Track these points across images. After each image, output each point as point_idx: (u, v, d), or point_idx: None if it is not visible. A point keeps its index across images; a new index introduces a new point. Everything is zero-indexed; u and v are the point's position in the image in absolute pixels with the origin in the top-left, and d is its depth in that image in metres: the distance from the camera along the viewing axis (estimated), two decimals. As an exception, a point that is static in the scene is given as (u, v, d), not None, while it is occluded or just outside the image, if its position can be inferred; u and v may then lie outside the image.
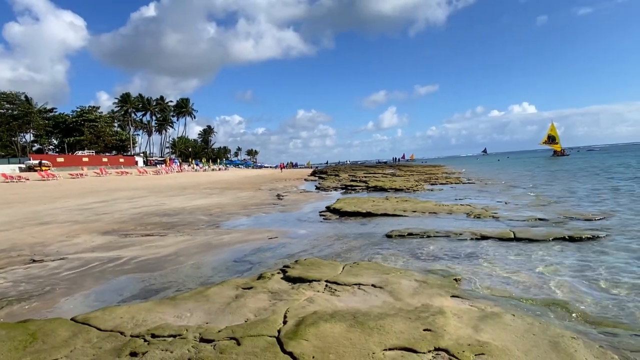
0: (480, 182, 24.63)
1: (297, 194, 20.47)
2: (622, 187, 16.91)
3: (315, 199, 17.59)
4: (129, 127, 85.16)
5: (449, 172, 40.51)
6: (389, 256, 6.55)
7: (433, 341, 3.03)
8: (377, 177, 31.07)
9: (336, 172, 46.54)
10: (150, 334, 3.34)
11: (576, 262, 5.76)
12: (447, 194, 17.47)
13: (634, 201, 12.15)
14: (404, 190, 19.62)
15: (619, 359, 2.90)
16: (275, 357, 2.82)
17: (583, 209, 10.84)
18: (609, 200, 12.70)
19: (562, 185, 19.53)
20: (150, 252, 7.17)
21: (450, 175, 33.40)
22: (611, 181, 20.14)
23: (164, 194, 20.62)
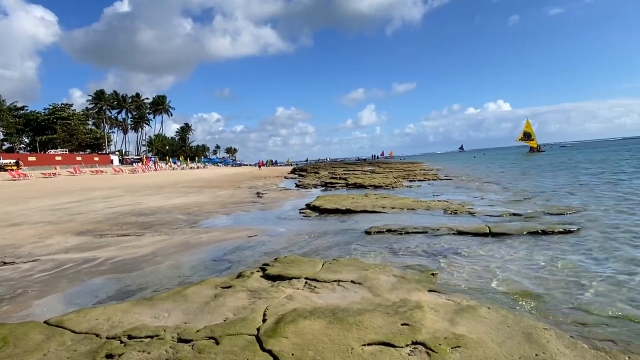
0: (457, 178, 25.06)
1: (277, 191, 20.40)
2: (593, 182, 17.48)
3: (295, 196, 17.57)
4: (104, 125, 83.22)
5: (427, 169, 41.09)
6: (368, 252, 6.61)
7: (411, 335, 3.08)
8: (357, 175, 31.25)
9: (316, 170, 46.61)
10: (126, 335, 3.28)
11: (549, 256, 5.93)
12: (425, 191, 17.71)
13: (604, 195, 12.59)
14: (383, 187, 19.79)
15: (589, 347, 3.00)
16: (254, 356, 2.81)
17: (556, 204, 11.16)
18: (581, 195, 13.12)
19: (536, 181, 20.07)
20: (127, 253, 7.04)
21: (428, 172, 33.86)
22: (582, 177, 20.80)
23: (140, 193, 20.23)
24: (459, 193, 15.91)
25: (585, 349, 2.97)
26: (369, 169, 45.46)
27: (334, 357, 2.78)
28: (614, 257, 5.72)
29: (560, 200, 12.18)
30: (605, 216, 8.90)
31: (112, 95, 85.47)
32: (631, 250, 6.06)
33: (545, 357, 2.82)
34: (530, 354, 2.86)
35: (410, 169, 39.28)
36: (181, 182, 29.28)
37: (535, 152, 73.32)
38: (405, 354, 2.84)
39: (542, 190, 15.53)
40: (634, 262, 5.41)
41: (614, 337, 3.26)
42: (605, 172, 22.84)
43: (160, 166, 64.74)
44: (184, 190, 21.46)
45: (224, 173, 51.39)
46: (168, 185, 26.49)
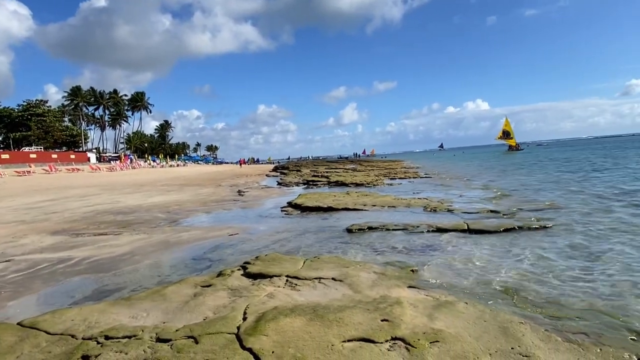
0: (436, 176, 25.39)
1: (258, 189, 20.30)
2: (568, 179, 17.94)
3: (277, 194, 17.52)
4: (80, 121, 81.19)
5: (408, 167, 41.51)
6: (349, 250, 6.64)
7: (390, 331, 3.11)
8: (339, 172, 31.35)
9: (298, 168, 46.55)
10: (103, 336, 3.22)
11: (525, 251, 6.06)
12: (406, 188, 17.89)
13: (579, 192, 12.94)
14: (365, 184, 19.90)
15: (562, 340, 3.08)
16: (234, 354, 2.80)
17: (532, 200, 11.42)
18: (557, 192, 13.45)
19: (514, 179, 20.50)
20: (104, 252, 6.90)
21: (408, 169, 34.22)
22: (559, 174, 21.33)
23: (118, 191, 19.84)
24: (438, 191, 16.11)
25: (559, 341, 3.05)
26: (350, 167, 45.64)
27: (314, 353, 2.79)
28: (587, 253, 5.88)
29: (537, 197, 12.46)
30: (580, 212, 9.15)
31: (89, 92, 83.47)
32: (604, 245, 6.24)
33: (520, 350, 2.88)
34: (506, 347, 2.92)
35: (391, 167, 39.59)
36: (161, 180, 28.84)
37: (513, 151, 74.19)
38: (385, 350, 2.87)
39: (519, 187, 15.86)
40: (607, 257, 5.58)
41: (587, 329, 3.35)
42: (580, 169, 23.48)
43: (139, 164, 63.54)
44: (164, 189, 21.15)
45: (204, 171, 50.84)
46: (147, 183, 26.05)
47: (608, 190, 12.95)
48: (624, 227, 7.40)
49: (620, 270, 5.01)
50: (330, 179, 23.32)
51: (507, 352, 2.86)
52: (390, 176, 25.99)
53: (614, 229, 7.30)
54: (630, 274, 4.88)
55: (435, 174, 27.10)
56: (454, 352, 2.82)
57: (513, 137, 77.22)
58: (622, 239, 6.56)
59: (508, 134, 76.81)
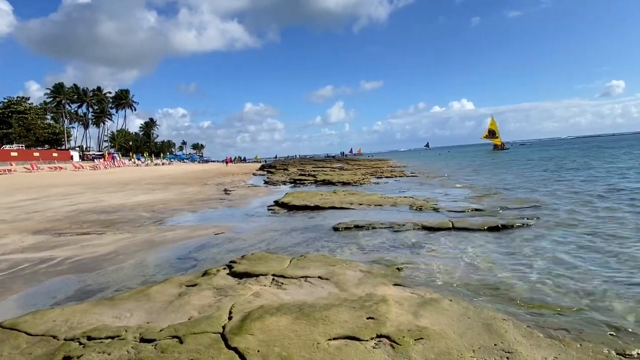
0: (422, 175, 25.59)
1: (245, 188, 20.19)
2: (551, 178, 18.26)
3: (264, 193, 17.46)
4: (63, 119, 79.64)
5: (394, 165, 41.76)
6: (335, 248, 6.65)
7: (375, 329, 3.13)
8: (326, 171, 31.36)
9: (285, 167, 46.45)
10: (86, 337, 3.17)
11: (508, 249, 6.16)
12: (392, 187, 18.01)
13: (562, 190, 13.17)
14: (351, 183, 19.96)
15: (544, 336, 3.14)
16: (219, 354, 2.78)
17: (516, 199, 11.58)
18: (541, 190, 13.68)
19: (498, 177, 20.79)
20: (87, 252, 6.79)
21: (395, 168, 34.42)
22: (542, 172, 21.71)
23: (102, 190, 19.53)
24: (424, 189, 16.25)
25: (540, 337, 3.10)
26: (337, 165, 45.76)
27: (300, 352, 2.79)
28: (568, 250, 6.00)
29: (520, 195, 12.64)
30: (562, 210, 9.32)
31: (72, 89, 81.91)
32: (585, 243, 6.36)
33: (503, 346, 2.92)
34: (489, 343, 2.96)
35: (377, 166, 39.78)
36: (145, 179, 28.48)
37: (499, 150, 74.41)
38: (370, 347, 2.89)
39: (503, 186, 16.07)
40: (587, 255, 5.70)
41: (568, 326, 3.42)
42: (561, 168, 23.91)
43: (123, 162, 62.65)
44: (149, 187, 20.89)
45: (190, 170, 50.38)
46: (131, 182, 25.70)
47: (589, 188, 13.22)
48: (605, 224, 7.56)
49: (601, 267, 5.12)
50: (318, 178, 23.32)
51: (490, 348, 2.90)
52: (377, 175, 26.13)
53: (595, 226, 7.46)
54: (610, 270, 4.99)
55: (421, 173, 27.32)
56: (438, 349, 2.84)
57: (498, 136, 77.22)
58: (603, 236, 6.70)
59: (494, 133, 76.83)
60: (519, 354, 2.82)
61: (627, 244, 6.17)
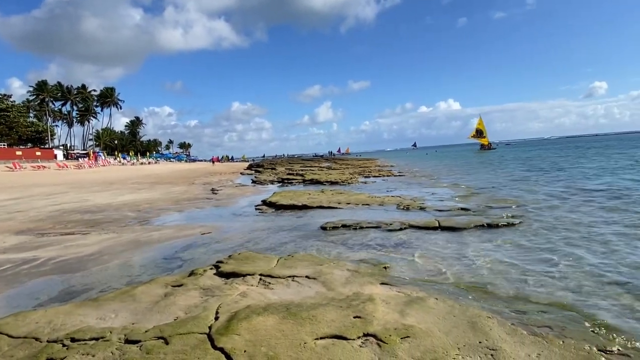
0: (409, 174, 25.77)
1: (232, 188, 20.08)
2: (537, 177, 18.53)
3: (252, 192, 17.38)
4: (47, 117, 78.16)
5: (382, 165, 41.92)
6: (323, 247, 6.66)
7: (362, 327, 3.14)
8: (314, 171, 31.37)
9: (273, 166, 46.31)
10: (69, 338, 3.12)
11: (493, 247, 6.24)
12: (380, 186, 18.09)
13: (546, 190, 13.38)
14: (339, 183, 20.00)
15: (527, 333, 3.19)
16: (205, 354, 2.76)
17: (501, 198, 11.73)
18: (526, 190, 13.86)
19: (484, 177, 21.03)
20: (71, 252, 6.68)
21: (382, 168, 34.57)
22: (526, 173, 22.00)
23: (87, 189, 19.23)
24: (411, 189, 16.36)
25: (524, 335, 3.15)
26: (325, 165, 45.78)
27: (287, 352, 2.79)
28: (552, 248, 6.10)
29: (505, 194, 12.80)
30: (546, 209, 9.47)
31: (56, 86, 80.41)
32: (569, 241, 6.48)
33: (488, 344, 2.96)
34: (474, 341, 3.00)
35: (365, 166, 39.90)
36: (131, 178, 28.13)
37: (486, 150, 74.39)
38: (357, 346, 2.90)
39: (489, 185, 16.26)
40: (571, 253, 5.80)
41: (551, 323, 3.47)
42: (546, 168, 24.28)
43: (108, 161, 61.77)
44: (134, 187, 20.64)
45: (177, 169, 49.90)
46: (117, 181, 25.37)
47: (572, 188, 13.45)
48: (587, 223, 7.71)
49: (582, 265, 5.22)
50: (305, 177, 23.31)
51: (475, 346, 2.93)
52: (365, 174, 26.22)
53: (577, 225, 7.60)
54: (592, 268, 5.08)
55: (408, 172, 27.51)
56: (424, 347, 2.87)
57: (486, 136, 77.02)
58: (585, 234, 6.83)
59: (481, 133, 76.48)
60: (503, 351, 2.86)
61: (609, 242, 6.30)
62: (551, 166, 25.93)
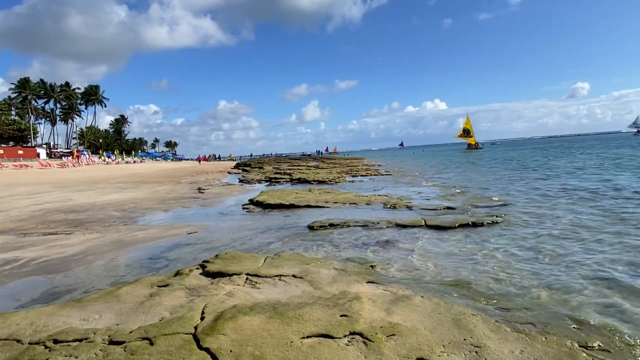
0: (396, 173, 25.93)
1: (219, 187, 19.94)
2: (518, 177, 18.80)
3: (239, 192, 17.30)
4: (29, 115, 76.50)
5: (369, 164, 42.07)
6: (310, 247, 6.67)
7: (349, 326, 3.15)
8: (301, 170, 31.34)
9: (260, 165, 46.15)
10: (52, 340, 3.06)
11: (478, 245, 6.32)
12: (367, 185, 18.15)
13: (528, 189, 13.60)
14: (327, 182, 20.02)
15: (511, 330, 3.23)
16: (190, 354, 2.74)
17: (485, 197, 11.88)
18: (510, 189, 14.08)
19: (469, 176, 21.28)
20: (54, 252, 6.57)
21: (369, 167, 34.70)
22: (510, 172, 22.31)
23: (70, 188, 18.91)
24: (398, 188, 16.46)
25: (508, 332, 3.19)
26: (313, 164, 45.77)
27: (273, 351, 2.78)
28: (535, 246, 6.20)
29: (490, 193, 12.97)
30: (529, 208, 9.62)
31: (39, 84, 78.69)
32: (551, 239, 6.59)
33: (472, 341, 3.00)
34: (459, 338, 3.03)
35: (353, 165, 39.99)
36: (116, 177, 27.75)
37: (473, 149, 74.68)
38: (343, 345, 2.90)
39: (474, 184, 16.46)
40: (553, 251, 5.91)
41: (534, 320, 3.52)
42: (529, 168, 24.66)
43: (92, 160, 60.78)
44: (120, 186, 20.37)
45: (163, 168, 49.38)
46: (101, 180, 25.00)
47: (553, 186, 13.69)
48: (569, 222, 7.85)
49: (564, 263, 5.32)
50: (293, 177, 23.28)
51: (459, 343, 2.97)
52: (352, 174, 26.28)
53: (560, 223, 7.74)
54: (574, 266, 5.18)
55: (395, 172, 27.67)
56: (409, 345, 2.89)
57: (473, 135, 77.16)
58: (568, 233, 6.95)
59: (468, 132, 76.69)
60: (487, 348, 2.89)
61: (588, 240, 6.43)
62: (535, 165, 26.35)
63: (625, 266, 5.12)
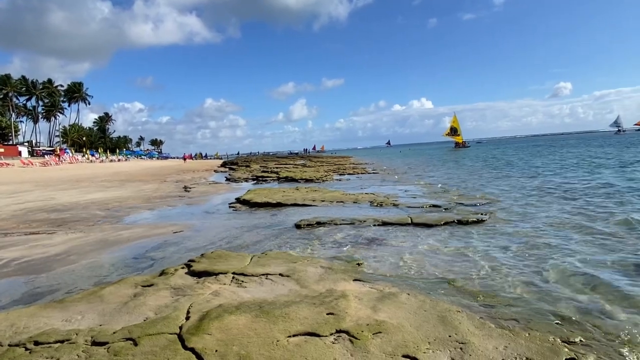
0: (383, 172, 26.04)
1: (206, 185, 19.78)
2: (504, 175, 19.05)
3: (225, 190, 17.18)
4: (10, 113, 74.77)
5: (356, 162, 42.19)
6: (297, 245, 6.65)
7: (335, 324, 3.15)
8: (289, 168, 31.28)
9: (247, 163, 45.90)
10: (32, 342, 3.00)
11: (463, 243, 6.38)
12: (354, 184, 18.19)
13: (515, 187, 13.80)
14: (314, 180, 20.01)
15: (495, 327, 3.27)
16: (175, 355, 2.70)
17: (470, 195, 12.01)
18: (495, 187, 14.25)
19: (455, 174, 21.50)
20: (36, 252, 6.43)
21: (357, 166, 34.79)
22: (495, 170, 22.60)
23: (53, 187, 18.55)
24: (384, 186, 16.53)
25: (492, 328, 3.23)
26: (300, 162, 45.71)
27: (259, 350, 2.76)
28: (519, 243, 6.28)
29: (475, 191, 13.12)
30: (513, 206, 9.75)
31: (20, 81, 76.95)
32: (534, 237, 6.68)
33: (457, 337, 3.02)
34: (444, 335, 3.05)
35: (340, 163, 40.05)
36: (100, 176, 27.31)
37: (460, 148, 74.81)
38: (330, 343, 2.90)
39: (459, 182, 16.63)
40: (536, 248, 5.99)
41: (517, 316, 3.57)
42: (514, 166, 25.01)
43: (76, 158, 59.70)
44: (104, 185, 20.06)
45: (148, 166, 48.77)
46: (85, 179, 24.57)
47: (539, 185, 13.91)
48: (553, 219, 7.97)
49: (547, 260, 5.40)
50: (280, 175, 23.21)
51: (445, 340, 2.99)
52: (339, 172, 26.32)
53: (543, 221, 7.85)
54: (556, 263, 5.26)
55: (382, 170, 27.79)
56: (395, 342, 2.90)
57: (460, 134, 77.17)
58: (551, 230, 7.07)
59: (455, 131, 76.63)
60: (471, 345, 2.92)
61: (571, 237, 6.55)
62: (520, 164, 26.73)
63: (606, 263, 5.22)
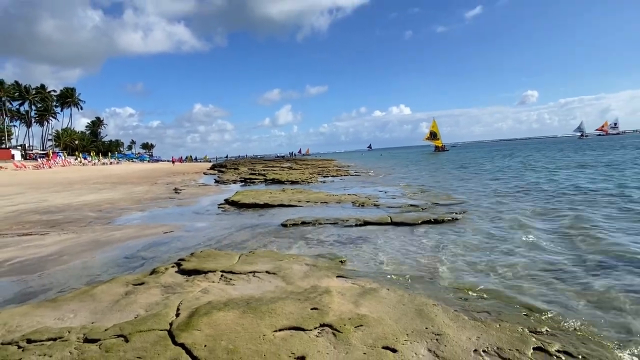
0: (365, 174, 26.16)
1: (195, 187, 19.57)
2: (476, 176, 19.36)
3: (214, 192, 17.02)
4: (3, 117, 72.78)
5: (339, 165, 42.26)
6: (283, 244, 6.64)
7: (319, 318, 3.16)
8: (275, 171, 31.15)
9: (236, 166, 45.53)
10: (25, 340, 2.93)
11: (439, 240, 6.46)
12: (337, 185, 18.24)
13: (485, 189, 14.02)
14: (300, 182, 19.99)
15: (468, 319, 3.32)
16: (165, 350, 2.67)
17: (446, 196, 12.16)
18: (467, 188, 14.46)
19: (432, 176, 21.74)
20: (29, 253, 6.27)
21: (340, 168, 34.86)
22: (470, 172, 22.94)
23: (46, 189, 18.09)
24: (366, 187, 16.61)
25: (465, 320, 3.28)
26: (287, 165, 45.54)
27: (247, 344, 2.75)
28: (490, 240, 6.40)
29: (451, 192, 13.28)
30: (486, 205, 9.92)
31: (13, 86, 74.88)
32: (505, 235, 6.81)
33: (433, 329, 3.06)
34: (421, 327, 3.09)
35: (324, 166, 40.07)
36: (92, 179, 26.76)
37: (440, 151, 75.31)
38: (314, 336, 2.91)
39: (436, 184, 16.82)
40: (506, 245, 6.11)
41: (489, 308, 3.63)
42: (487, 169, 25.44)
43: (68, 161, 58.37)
44: (96, 187, 19.66)
45: (139, 169, 47.97)
46: (78, 181, 24.05)
47: (508, 186, 14.18)
48: (521, 218, 8.13)
49: (517, 255, 5.51)
50: (267, 177, 23.12)
51: (422, 331, 3.02)
52: (324, 174, 26.33)
53: (513, 219, 8.00)
54: (525, 258, 5.38)
55: (364, 172, 27.91)
56: (375, 335, 2.92)
57: (439, 138, 77.68)
58: (520, 229, 7.21)
59: (435, 135, 77.03)
60: (447, 336, 2.96)
61: (539, 234, 6.69)
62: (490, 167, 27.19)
63: (571, 257, 5.35)
